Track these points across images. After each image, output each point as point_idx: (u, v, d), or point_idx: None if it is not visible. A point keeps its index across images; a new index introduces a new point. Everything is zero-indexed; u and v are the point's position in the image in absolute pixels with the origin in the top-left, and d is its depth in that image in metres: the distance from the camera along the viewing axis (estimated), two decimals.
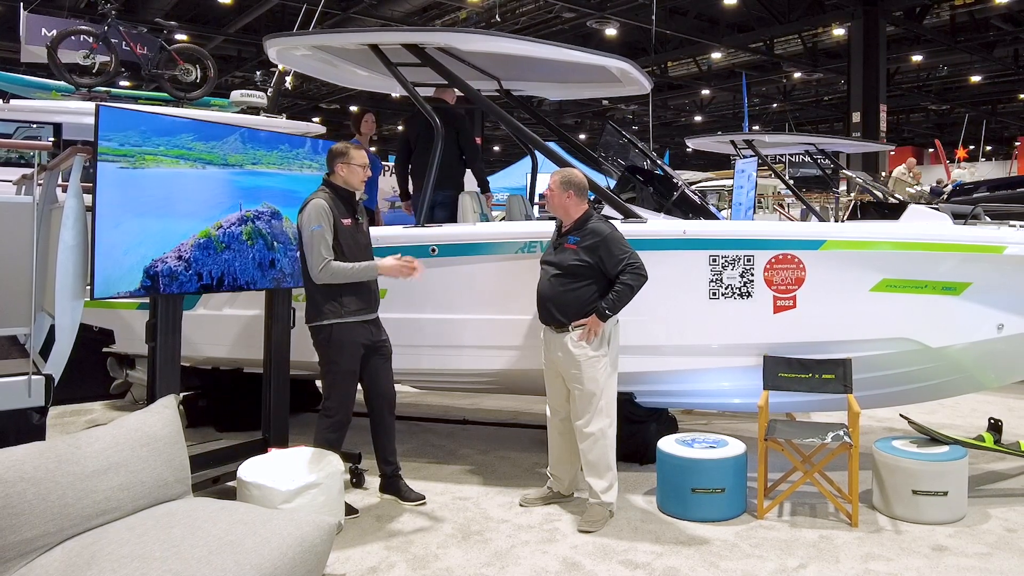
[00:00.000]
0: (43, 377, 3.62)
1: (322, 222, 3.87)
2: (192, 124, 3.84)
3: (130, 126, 3.55)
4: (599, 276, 3.90)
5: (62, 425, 5.77)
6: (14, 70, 11.58)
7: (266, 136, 4.23)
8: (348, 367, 4.02)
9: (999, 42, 19.67)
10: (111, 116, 3.48)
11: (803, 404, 4.76)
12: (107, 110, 3.48)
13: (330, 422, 4.04)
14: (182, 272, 3.78)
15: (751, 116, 24.28)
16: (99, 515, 2.58)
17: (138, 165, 3.57)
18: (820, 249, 4.28)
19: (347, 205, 4.03)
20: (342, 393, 4.04)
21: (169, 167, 3.70)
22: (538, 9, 18.01)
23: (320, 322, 3.98)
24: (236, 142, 4.04)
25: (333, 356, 4.01)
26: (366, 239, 4.14)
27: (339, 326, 3.98)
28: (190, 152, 3.80)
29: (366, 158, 4.10)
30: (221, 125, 4.03)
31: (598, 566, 3.48)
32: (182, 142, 3.76)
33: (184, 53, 9.64)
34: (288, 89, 12.57)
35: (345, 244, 3.95)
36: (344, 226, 3.97)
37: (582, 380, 3.90)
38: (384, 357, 4.19)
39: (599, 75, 5.23)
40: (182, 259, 3.78)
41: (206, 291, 3.95)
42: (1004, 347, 4.32)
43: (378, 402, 4.22)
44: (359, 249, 4.03)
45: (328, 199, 3.96)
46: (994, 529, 3.89)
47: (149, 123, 3.64)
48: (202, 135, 3.86)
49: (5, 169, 8.62)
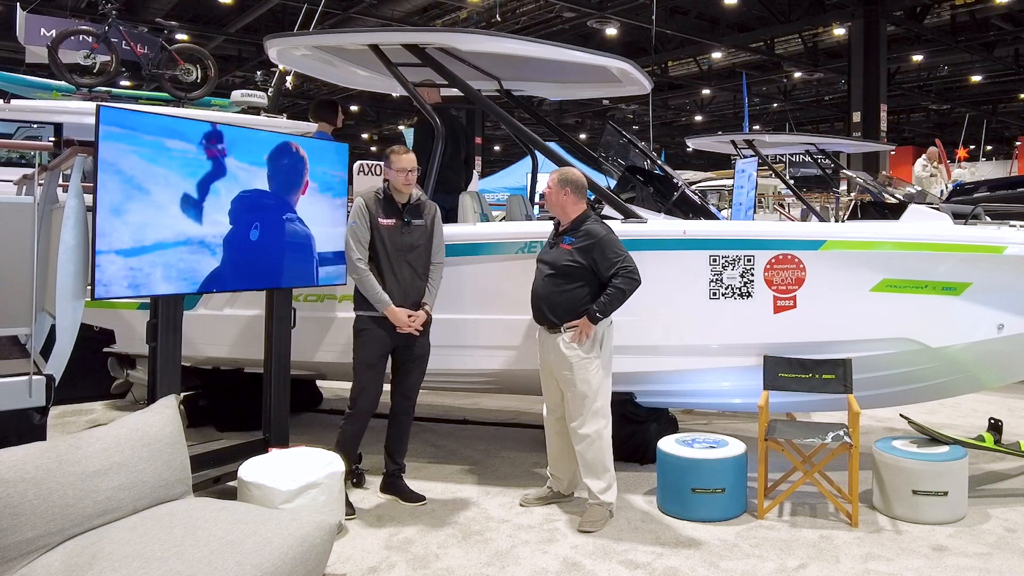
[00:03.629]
0: (44, 377, 3.62)
1: (356, 219, 4.10)
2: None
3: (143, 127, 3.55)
4: (592, 278, 3.90)
5: (63, 425, 5.77)
6: (15, 70, 11.59)
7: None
8: (367, 360, 4.13)
9: (1000, 42, 19.64)
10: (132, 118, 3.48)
11: (803, 404, 4.77)
12: (107, 110, 3.48)
13: (349, 412, 4.18)
14: (183, 271, 3.78)
15: (751, 116, 24.24)
16: (100, 515, 2.58)
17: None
18: (820, 249, 4.28)
19: (393, 206, 4.15)
20: (360, 385, 4.15)
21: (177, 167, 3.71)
22: (538, 9, 18.01)
23: (355, 312, 4.18)
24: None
25: (356, 347, 4.17)
26: (415, 240, 4.18)
27: (364, 318, 4.14)
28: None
29: (406, 163, 4.13)
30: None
31: (598, 566, 3.48)
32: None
33: (185, 53, 9.64)
34: (289, 89, 12.58)
35: (380, 243, 4.10)
36: (384, 226, 4.11)
37: (574, 382, 3.90)
38: (414, 358, 4.25)
39: (599, 75, 5.23)
40: (184, 258, 3.78)
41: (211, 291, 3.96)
42: (1004, 347, 4.32)
43: (397, 400, 4.31)
44: (400, 250, 4.13)
45: (373, 198, 4.12)
46: (994, 529, 3.90)
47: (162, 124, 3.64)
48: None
49: (6, 169, 8.62)
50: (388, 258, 4.12)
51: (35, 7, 10.53)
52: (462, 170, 5.69)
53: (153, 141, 3.64)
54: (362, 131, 33.12)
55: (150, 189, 3.65)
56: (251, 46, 20.12)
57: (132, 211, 3.57)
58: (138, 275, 3.61)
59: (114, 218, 3.49)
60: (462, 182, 5.68)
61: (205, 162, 3.86)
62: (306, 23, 9.71)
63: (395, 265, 4.12)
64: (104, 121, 3.43)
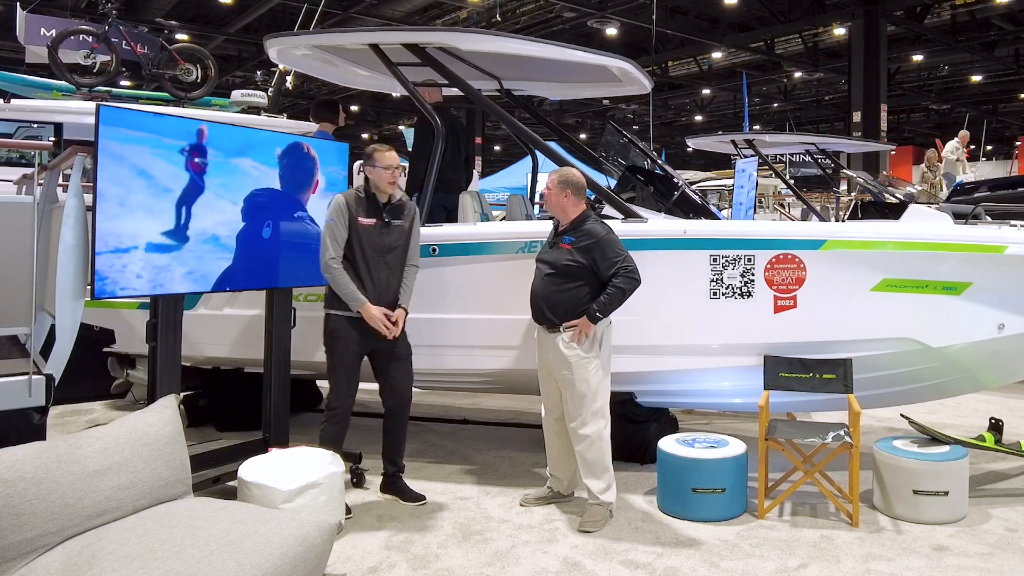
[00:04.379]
0: (43, 377, 3.62)
1: (335, 217, 4.00)
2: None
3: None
4: (592, 277, 3.89)
5: (62, 425, 5.76)
6: (15, 70, 11.59)
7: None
8: (342, 361, 4.07)
9: (1000, 41, 19.64)
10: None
11: (804, 404, 4.76)
12: (109, 110, 3.48)
13: (328, 414, 4.12)
14: (184, 271, 3.78)
15: (752, 116, 24.25)
16: (99, 515, 2.58)
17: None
18: (821, 249, 4.27)
19: (374, 205, 4.08)
20: (336, 386, 4.10)
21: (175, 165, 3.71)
22: (538, 9, 18.01)
23: (325, 311, 4.12)
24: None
25: (330, 348, 4.10)
26: (393, 241, 4.11)
27: (335, 318, 4.07)
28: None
29: (390, 160, 4.08)
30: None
31: (599, 566, 3.48)
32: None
33: (185, 53, 9.65)
34: (289, 89, 12.58)
35: (358, 243, 4.02)
36: (363, 225, 4.03)
37: (573, 382, 3.89)
38: (398, 358, 4.18)
39: (600, 75, 5.23)
40: (184, 259, 3.78)
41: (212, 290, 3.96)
42: (1005, 347, 4.32)
43: (390, 402, 4.24)
44: (378, 251, 4.06)
45: (353, 196, 4.06)
46: (995, 529, 3.89)
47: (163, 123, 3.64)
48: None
49: (6, 169, 8.62)
50: (365, 258, 4.03)
51: (35, 7, 10.53)
52: (463, 169, 5.69)
53: (171, 143, 3.67)
54: (362, 131, 33.12)
55: (171, 187, 3.68)
56: (251, 46, 20.12)
57: (152, 210, 3.60)
58: (151, 273, 3.62)
59: (126, 216, 3.50)
60: (463, 182, 5.68)
61: (220, 163, 3.88)
62: (306, 23, 9.71)
63: (371, 265, 4.03)
64: (104, 121, 3.42)
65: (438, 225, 4.79)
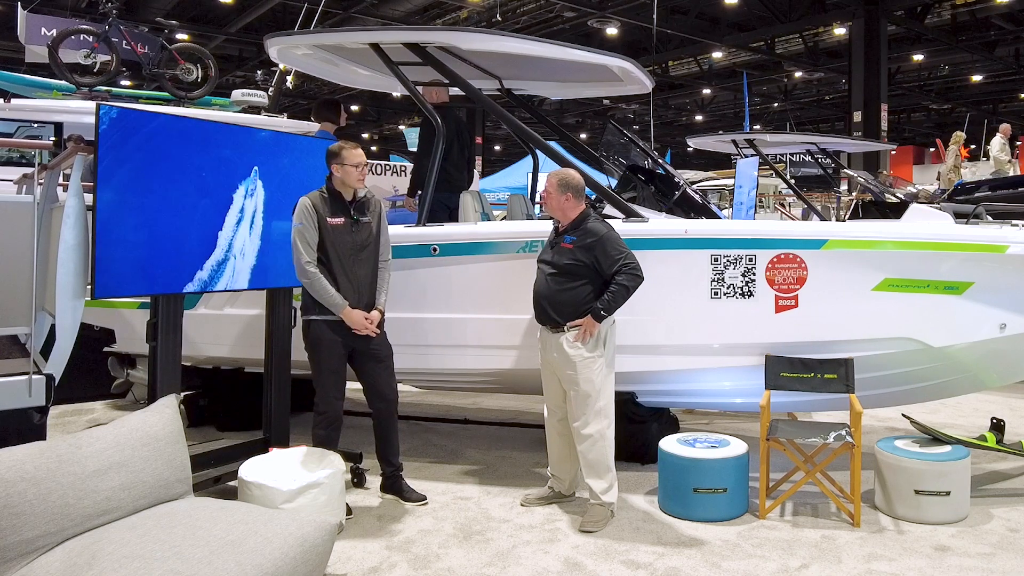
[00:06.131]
0: (44, 377, 3.61)
1: (303, 220, 3.93)
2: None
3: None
4: (595, 276, 3.89)
5: (63, 425, 5.76)
6: (15, 69, 11.59)
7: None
8: (326, 364, 4.04)
9: (1000, 41, 19.65)
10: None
11: (805, 404, 4.75)
12: (110, 109, 3.47)
13: (318, 419, 4.08)
14: (184, 271, 3.78)
15: (752, 115, 24.25)
16: (100, 515, 2.58)
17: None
18: (822, 248, 4.27)
19: (340, 204, 4.03)
20: (324, 391, 4.07)
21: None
22: (539, 8, 18.02)
23: (304, 317, 4.08)
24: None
25: (314, 354, 4.07)
26: (364, 239, 4.07)
27: (316, 323, 4.03)
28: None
29: (361, 157, 4.04)
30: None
31: (600, 566, 3.47)
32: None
33: (185, 52, 9.65)
34: (289, 88, 12.56)
35: (331, 244, 3.97)
36: (332, 225, 3.97)
37: (577, 381, 3.88)
38: (378, 359, 4.13)
39: (600, 74, 5.22)
40: (185, 258, 3.78)
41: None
42: (1006, 347, 4.31)
43: (376, 404, 4.19)
44: (352, 250, 4.01)
45: (318, 197, 3.99)
46: (997, 529, 3.89)
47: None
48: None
49: (6, 168, 8.61)
50: (340, 259, 3.98)
51: (36, 7, 10.52)
52: (465, 169, 5.69)
53: (172, 143, 3.67)
54: (363, 131, 33.12)
55: (171, 187, 3.68)
56: (251, 46, 20.13)
57: (152, 209, 3.60)
58: (152, 273, 3.62)
59: (127, 216, 3.50)
60: (465, 181, 5.68)
61: (220, 163, 3.89)
62: (306, 22, 9.69)
63: (347, 266, 3.99)
64: (106, 121, 3.42)
65: (439, 224, 4.79)
